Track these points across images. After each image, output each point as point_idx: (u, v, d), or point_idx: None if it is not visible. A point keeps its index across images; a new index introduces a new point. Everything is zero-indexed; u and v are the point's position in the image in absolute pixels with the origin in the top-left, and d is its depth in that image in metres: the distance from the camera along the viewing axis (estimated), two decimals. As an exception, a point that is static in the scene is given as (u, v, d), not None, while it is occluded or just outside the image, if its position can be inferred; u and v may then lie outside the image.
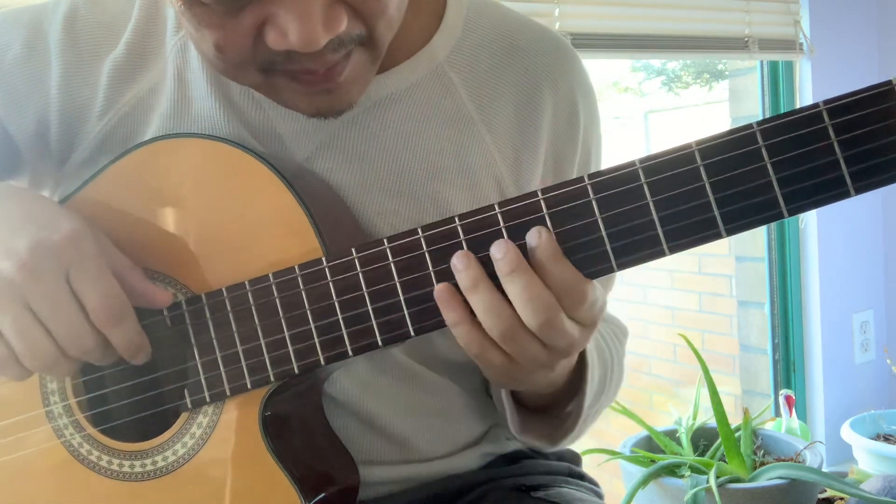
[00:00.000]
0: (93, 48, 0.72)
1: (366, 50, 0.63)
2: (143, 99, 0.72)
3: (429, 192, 0.72)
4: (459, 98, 0.73)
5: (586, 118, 0.78)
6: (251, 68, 0.61)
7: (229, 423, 0.63)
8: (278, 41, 0.57)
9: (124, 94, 0.72)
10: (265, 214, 0.63)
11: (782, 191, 0.52)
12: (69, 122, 0.72)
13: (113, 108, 0.71)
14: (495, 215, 0.57)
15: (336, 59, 0.60)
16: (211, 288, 0.63)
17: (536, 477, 0.81)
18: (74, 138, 0.72)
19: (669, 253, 0.54)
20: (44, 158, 0.74)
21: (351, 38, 0.60)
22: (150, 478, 0.65)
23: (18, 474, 0.67)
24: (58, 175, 0.74)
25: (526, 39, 0.76)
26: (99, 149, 0.72)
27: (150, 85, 0.72)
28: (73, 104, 0.71)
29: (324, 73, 0.61)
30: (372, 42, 0.62)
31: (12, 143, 0.73)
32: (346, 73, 0.62)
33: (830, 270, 2.10)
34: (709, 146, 0.53)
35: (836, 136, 0.51)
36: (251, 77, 0.63)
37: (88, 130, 0.72)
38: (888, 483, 1.53)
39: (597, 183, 0.55)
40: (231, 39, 0.59)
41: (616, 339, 0.82)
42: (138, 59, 0.72)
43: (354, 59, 0.62)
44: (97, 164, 0.71)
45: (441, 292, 0.57)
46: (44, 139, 0.73)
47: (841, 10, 2.08)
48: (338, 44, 0.59)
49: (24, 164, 0.74)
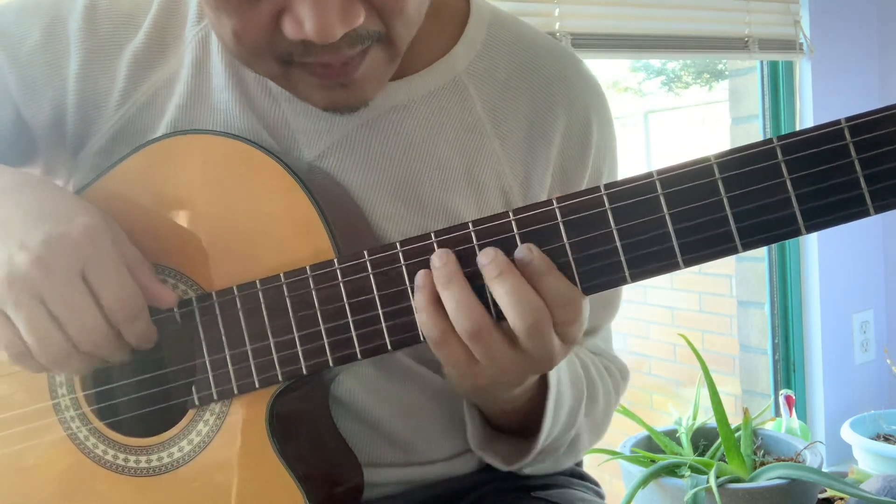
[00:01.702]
0: (112, 37, 0.72)
1: (384, 48, 0.63)
2: (160, 89, 0.72)
3: (437, 199, 0.72)
4: (475, 109, 0.73)
5: (599, 141, 0.78)
6: (269, 57, 0.62)
7: (236, 421, 0.63)
8: (295, 30, 0.57)
9: (142, 84, 0.72)
10: (278, 213, 0.63)
11: (801, 207, 0.51)
12: (86, 111, 0.72)
13: (131, 98, 0.72)
14: (509, 222, 0.57)
15: (352, 54, 0.60)
16: (221, 285, 0.63)
17: (538, 478, 0.81)
18: (90, 127, 0.72)
19: (684, 266, 0.54)
20: (58, 146, 0.73)
21: (369, 35, 0.60)
22: (155, 473, 0.65)
23: (24, 466, 0.67)
24: (72, 164, 0.74)
25: (546, 57, 0.76)
26: (115, 138, 0.72)
27: (168, 75, 0.72)
28: (91, 93, 0.71)
29: (339, 68, 0.61)
30: (390, 40, 0.62)
31: (28, 130, 0.73)
32: (363, 69, 0.62)
33: (830, 270, 2.11)
34: (728, 160, 0.52)
35: (857, 155, 0.50)
36: (268, 66, 0.63)
37: (105, 120, 0.72)
38: (888, 483, 1.54)
39: (613, 193, 0.55)
40: (249, 27, 0.59)
41: (607, 374, 0.81)
42: (157, 50, 0.72)
43: (372, 56, 0.62)
44: (112, 154, 0.71)
45: (420, 276, 0.57)
46: (60, 127, 0.72)
47: (841, 11, 2.08)
48: (354, 39, 0.59)
49: (39, 151, 0.74)
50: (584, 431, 0.77)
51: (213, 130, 0.66)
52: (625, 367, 0.85)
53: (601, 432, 0.82)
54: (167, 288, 0.63)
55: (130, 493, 0.65)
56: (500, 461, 0.72)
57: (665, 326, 3.08)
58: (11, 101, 0.71)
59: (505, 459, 0.71)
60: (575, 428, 0.74)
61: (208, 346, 0.63)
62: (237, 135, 0.65)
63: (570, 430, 0.73)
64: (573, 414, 0.72)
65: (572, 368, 0.73)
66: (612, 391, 0.81)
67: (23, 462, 0.67)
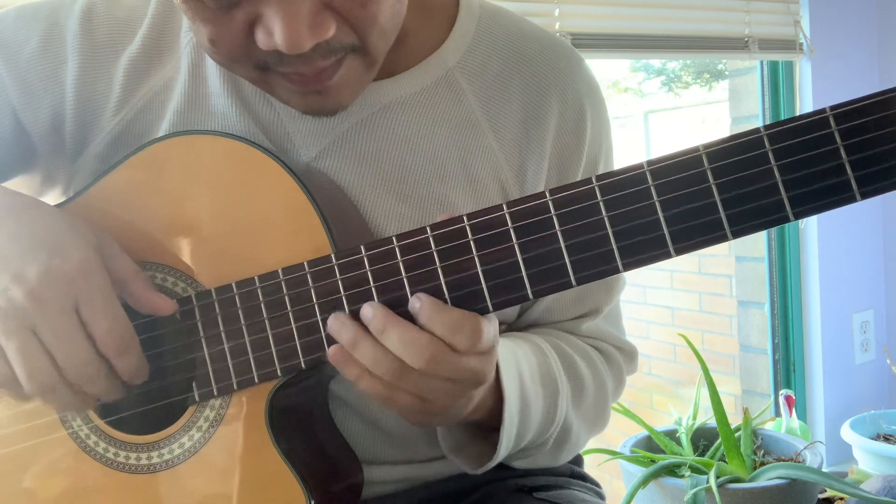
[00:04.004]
0: (109, 43, 0.72)
1: (359, 57, 0.63)
2: (157, 94, 0.72)
3: (434, 195, 0.72)
4: (468, 104, 0.74)
5: (594, 129, 0.78)
6: (247, 64, 0.62)
7: (236, 416, 0.64)
8: (266, 41, 0.58)
9: (139, 89, 0.72)
10: (276, 211, 0.63)
11: (789, 194, 0.52)
12: (84, 117, 0.72)
13: (128, 103, 0.72)
14: (503, 215, 0.57)
15: (325, 65, 0.61)
16: (221, 283, 0.64)
17: (538, 478, 0.81)
18: (89, 132, 0.73)
19: (675, 254, 0.55)
20: (58, 152, 0.74)
21: (342, 47, 0.61)
22: (156, 470, 0.65)
23: (26, 465, 0.67)
24: (71, 169, 0.74)
25: (536, 48, 0.76)
26: (113, 143, 0.72)
27: (165, 80, 0.72)
28: (89, 99, 0.72)
29: (313, 76, 0.62)
30: (366, 51, 0.63)
31: (27, 136, 0.73)
32: (338, 78, 0.63)
33: (830, 270, 2.11)
34: (716, 149, 0.53)
35: (843, 141, 0.51)
36: (248, 72, 0.64)
37: (103, 125, 0.72)
38: (888, 483, 1.54)
39: (605, 184, 0.56)
40: (224, 35, 0.60)
41: (604, 360, 0.81)
42: (154, 55, 0.72)
43: (347, 65, 0.63)
44: (111, 159, 0.71)
45: (334, 354, 0.59)
46: (58, 133, 0.73)
47: (841, 10, 2.08)
48: (327, 50, 0.60)
49: (38, 157, 0.74)
50: (576, 424, 0.77)
51: (213, 131, 0.67)
52: (631, 348, 0.85)
53: (600, 421, 0.81)
54: (165, 297, 0.63)
55: (132, 491, 0.65)
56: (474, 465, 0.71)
57: (665, 326, 3.08)
58: (10, 107, 0.72)
59: (476, 461, 0.71)
60: (556, 424, 0.74)
61: (208, 342, 0.64)
62: (236, 135, 0.65)
63: (549, 427, 0.73)
64: (548, 413, 0.72)
65: (544, 369, 0.73)
66: (606, 378, 0.80)
67: (24, 460, 0.67)
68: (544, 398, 0.72)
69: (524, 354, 0.71)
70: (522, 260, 0.57)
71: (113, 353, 0.60)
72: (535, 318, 0.80)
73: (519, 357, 0.70)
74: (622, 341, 0.84)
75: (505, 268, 0.57)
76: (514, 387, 0.67)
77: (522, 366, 0.69)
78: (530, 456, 0.76)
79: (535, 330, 0.79)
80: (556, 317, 0.80)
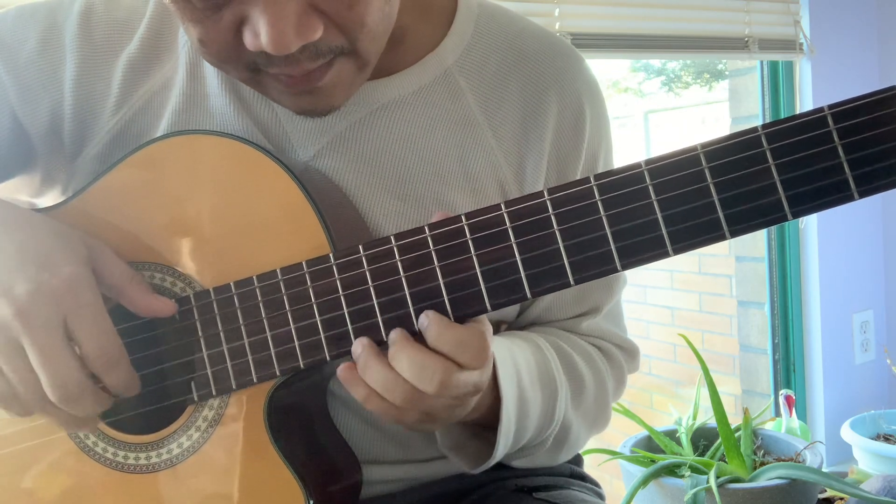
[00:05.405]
0: (108, 44, 0.72)
1: (350, 60, 0.63)
2: (156, 94, 0.72)
3: (433, 194, 0.72)
4: (466, 103, 0.74)
5: (593, 127, 0.78)
6: (238, 64, 0.62)
7: (234, 416, 0.64)
8: (252, 42, 0.58)
9: (138, 90, 0.72)
10: (274, 211, 0.63)
11: (786, 193, 0.52)
12: (83, 117, 0.72)
13: (127, 104, 0.72)
14: (501, 215, 0.57)
15: (313, 67, 0.61)
16: (219, 282, 0.64)
17: (538, 478, 0.81)
18: (87, 133, 0.73)
19: (674, 254, 0.55)
20: (56, 153, 0.74)
21: (330, 49, 0.61)
22: (155, 470, 0.65)
23: (25, 465, 0.67)
24: (70, 169, 0.74)
25: (535, 46, 0.76)
26: (112, 143, 0.72)
27: (163, 80, 0.73)
28: (87, 99, 0.72)
29: (301, 78, 0.62)
30: (356, 54, 0.63)
31: (26, 136, 0.73)
32: (328, 79, 0.63)
33: (830, 270, 2.11)
34: (714, 148, 0.53)
35: (840, 140, 0.51)
36: (238, 72, 0.64)
37: (102, 125, 0.72)
38: (888, 483, 1.54)
39: (603, 184, 0.55)
40: (212, 36, 0.60)
41: (604, 358, 0.81)
42: (152, 55, 0.72)
43: (338, 67, 0.63)
44: (110, 159, 0.71)
45: (343, 373, 0.59)
46: (57, 133, 0.73)
47: (841, 10, 2.08)
48: (315, 53, 0.60)
49: (37, 157, 0.74)
50: (576, 423, 0.77)
51: (211, 130, 0.67)
52: (632, 346, 0.85)
53: (600, 420, 0.81)
54: (164, 299, 0.63)
55: (131, 491, 0.65)
56: (472, 464, 0.71)
57: (665, 326, 3.08)
58: (9, 107, 0.72)
59: (474, 460, 0.71)
60: (555, 424, 0.74)
61: (206, 342, 0.64)
62: (234, 135, 0.65)
63: (548, 426, 0.73)
64: (547, 412, 0.72)
65: (543, 368, 0.73)
66: (607, 377, 0.80)
67: (25, 461, 0.67)
68: (542, 397, 0.72)
69: (522, 354, 0.71)
70: (521, 260, 0.57)
71: (100, 370, 0.60)
72: (536, 317, 0.80)
73: (517, 356, 0.70)
74: (623, 339, 0.84)
75: (503, 267, 0.57)
76: (512, 386, 0.67)
77: (520, 365, 0.69)
78: (529, 455, 0.76)
79: (535, 329, 0.79)
80: (556, 315, 0.80)
